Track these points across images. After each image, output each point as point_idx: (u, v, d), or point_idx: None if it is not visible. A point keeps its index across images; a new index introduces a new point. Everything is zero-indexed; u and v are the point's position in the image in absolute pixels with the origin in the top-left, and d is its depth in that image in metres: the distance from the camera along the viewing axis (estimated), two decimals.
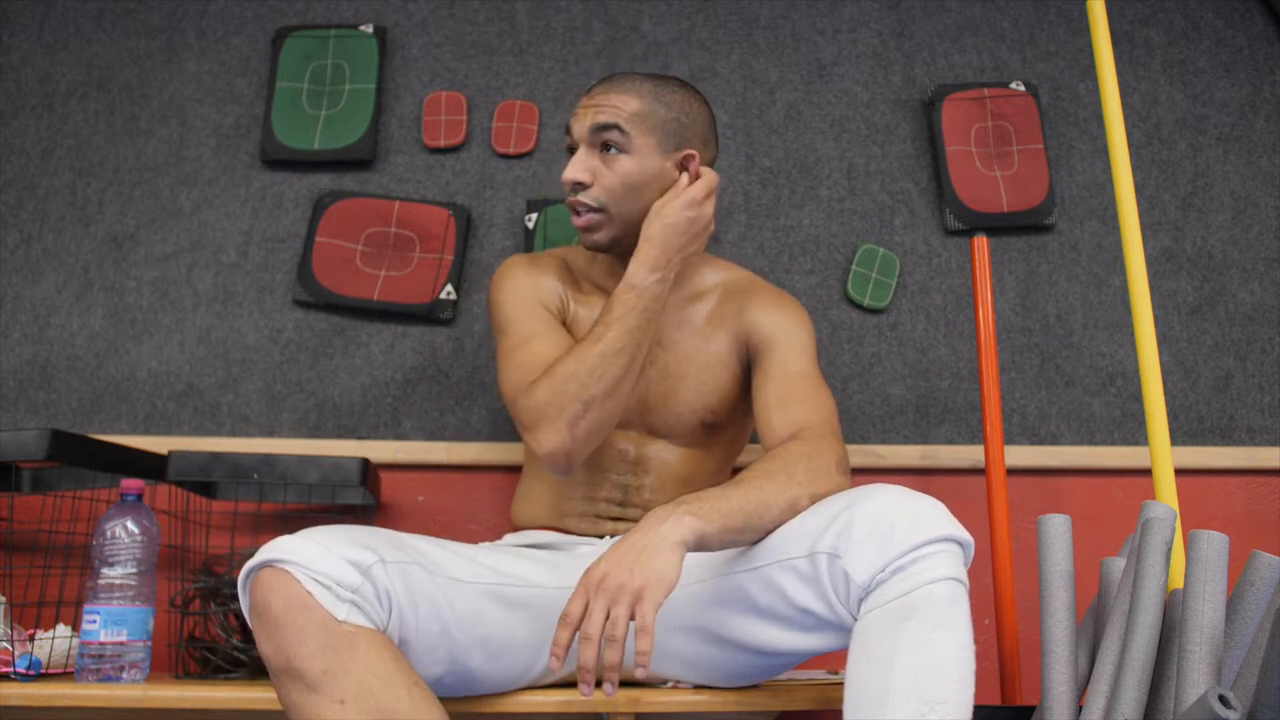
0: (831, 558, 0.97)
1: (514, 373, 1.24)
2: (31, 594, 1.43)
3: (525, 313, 1.30)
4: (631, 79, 1.29)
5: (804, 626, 1.03)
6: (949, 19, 1.86)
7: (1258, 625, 1.03)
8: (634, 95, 1.27)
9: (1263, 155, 1.82)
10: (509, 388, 1.24)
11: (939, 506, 0.98)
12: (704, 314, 1.35)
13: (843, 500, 1.01)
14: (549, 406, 1.16)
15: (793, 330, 1.32)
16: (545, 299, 1.32)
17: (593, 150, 1.26)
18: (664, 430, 1.31)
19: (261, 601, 0.95)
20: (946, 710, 0.89)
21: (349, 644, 0.93)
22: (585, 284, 1.37)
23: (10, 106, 1.77)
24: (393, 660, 0.95)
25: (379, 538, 1.03)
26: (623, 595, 0.93)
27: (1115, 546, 1.54)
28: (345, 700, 0.91)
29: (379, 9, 1.83)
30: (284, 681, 0.94)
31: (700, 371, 1.31)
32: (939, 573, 0.93)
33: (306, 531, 0.99)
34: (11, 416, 1.65)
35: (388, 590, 0.98)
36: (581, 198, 1.27)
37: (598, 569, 0.96)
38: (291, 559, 0.95)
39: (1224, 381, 1.73)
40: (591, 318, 1.32)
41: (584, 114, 1.28)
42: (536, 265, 1.36)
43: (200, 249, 1.72)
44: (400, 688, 0.93)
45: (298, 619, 0.93)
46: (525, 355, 1.25)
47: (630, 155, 1.26)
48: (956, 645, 0.92)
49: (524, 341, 1.26)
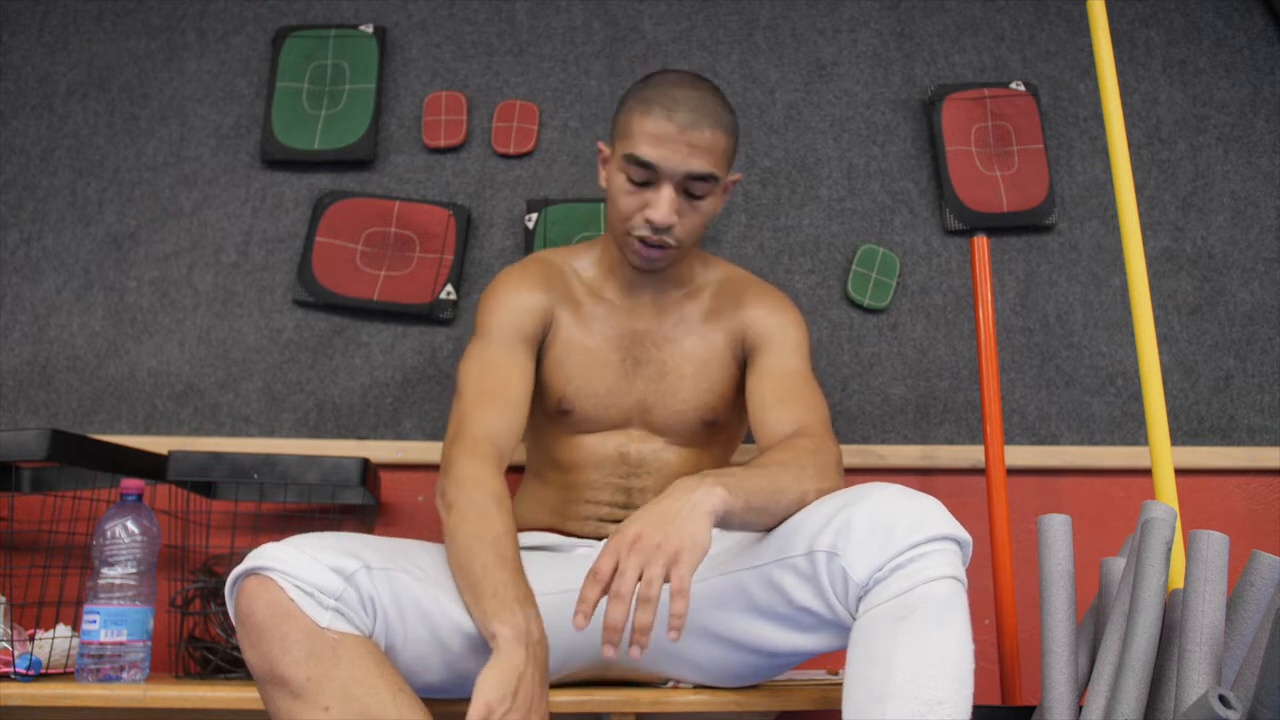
0: (830, 556, 0.97)
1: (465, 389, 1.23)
2: (31, 594, 1.43)
3: (496, 335, 1.28)
4: (714, 106, 1.24)
5: (803, 626, 1.03)
6: (949, 19, 1.86)
7: (1258, 625, 1.03)
8: (723, 131, 1.24)
9: (1263, 155, 1.82)
10: (454, 412, 1.22)
11: (938, 506, 0.98)
12: (700, 311, 1.35)
13: (841, 499, 1.01)
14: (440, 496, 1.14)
15: (789, 329, 1.32)
16: (522, 322, 1.29)
17: (678, 189, 1.23)
18: (664, 429, 1.31)
19: (245, 609, 0.95)
20: (945, 710, 0.89)
21: (333, 651, 0.93)
22: (586, 286, 1.36)
23: (10, 106, 1.77)
24: (376, 666, 0.95)
25: (365, 545, 1.02)
26: (658, 556, 0.92)
27: (1115, 546, 1.54)
28: (329, 707, 0.92)
29: (379, 9, 1.83)
30: (269, 689, 0.94)
31: (699, 369, 1.31)
32: (938, 571, 0.93)
33: (292, 539, 0.99)
34: (11, 416, 1.65)
35: (372, 597, 0.98)
36: (666, 238, 1.24)
37: (630, 529, 0.95)
38: (275, 566, 0.95)
39: (1224, 381, 1.73)
40: (595, 317, 1.33)
41: (675, 151, 1.21)
42: (525, 281, 1.34)
43: (200, 249, 1.72)
44: (384, 694, 0.93)
45: (281, 627, 0.93)
46: (475, 370, 1.24)
47: (714, 195, 1.26)
48: (955, 645, 0.92)
49: (484, 366, 1.25)
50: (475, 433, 1.17)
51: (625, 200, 1.25)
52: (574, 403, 1.30)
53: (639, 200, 1.24)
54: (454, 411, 1.21)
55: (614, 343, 1.32)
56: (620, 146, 1.25)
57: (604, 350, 1.32)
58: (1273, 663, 0.89)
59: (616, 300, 1.35)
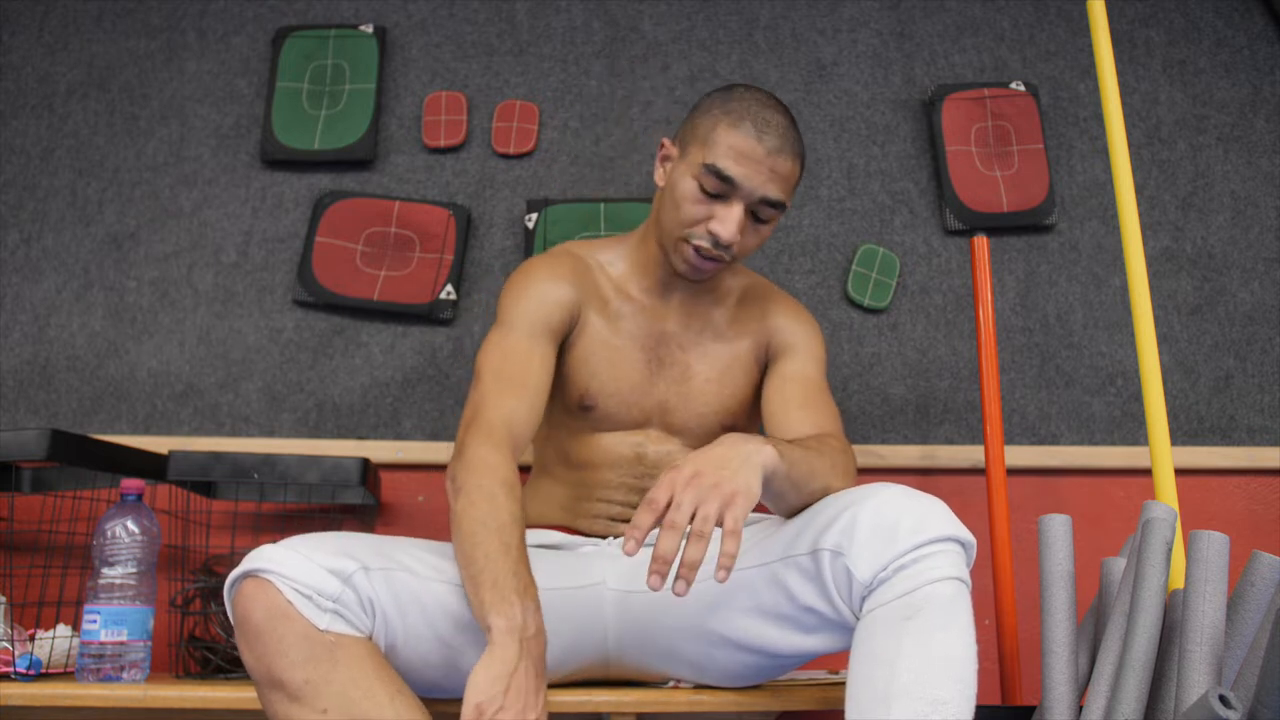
0: (835, 555, 0.97)
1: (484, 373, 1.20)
2: (31, 594, 1.43)
3: (520, 323, 1.25)
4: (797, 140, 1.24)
5: (807, 626, 1.03)
6: (949, 19, 1.86)
7: (1258, 625, 1.03)
8: (800, 164, 1.24)
9: (1263, 155, 1.82)
10: (470, 397, 1.19)
11: (942, 506, 0.98)
12: (725, 317, 1.35)
13: (846, 498, 1.01)
14: (451, 480, 1.12)
15: (812, 340, 1.34)
16: (549, 314, 1.27)
17: (748, 210, 1.23)
18: (683, 431, 1.31)
19: (243, 612, 0.95)
20: (948, 710, 0.89)
21: (330, 654, 0.93)
22: (614, 283, 1.34)
23: (10, 106, 1.77)
24: (374, 669, 0.95)
25: (364, 545, 1.02)
26: (714, 495, 0.92)
27: (1115, 546, 1.54)
28: (328, 710, 0.92)
29: (379, 9, 1.83)
30: (267, 692, 0.95)
31: (721, 374, 1.32)
32: (942, 572, 0.94)
33: (289, 540, 0.99)
34: (11, 416, 1.65)
35: (371, 598, 0.97)
36: (724, 253, 1.24)
37: (687, 466, 0.95)
38: (273, 569, 0.94)
39: (1224, 381, 1.73)
40: (622, 316, 1.31)
41: (758, 174, 1.20)
42: (554, 273, 1.31)
43: (200, 249, 1.72)
44: (382, 696, 0.94)
45: (279, 629, 0.93)
46: (497, 357, 1.21)
47: (774, 221, 1.26)
48: (959, 645, 0.92)
49: (506, 353, 1.22)
50: (492, 418, 1.14)
51: (692, 208, 1.23)
52: (597, 399, 1.28)
53: (706, 210, 1.22)
54: (470, 397, 1.19)
55: (640, 342, 1.31)
56: (698, 153, 1.22)
57: (629, 349, 1.30)
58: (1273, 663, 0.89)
59: (644, 300, 1.33)
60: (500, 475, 1.09)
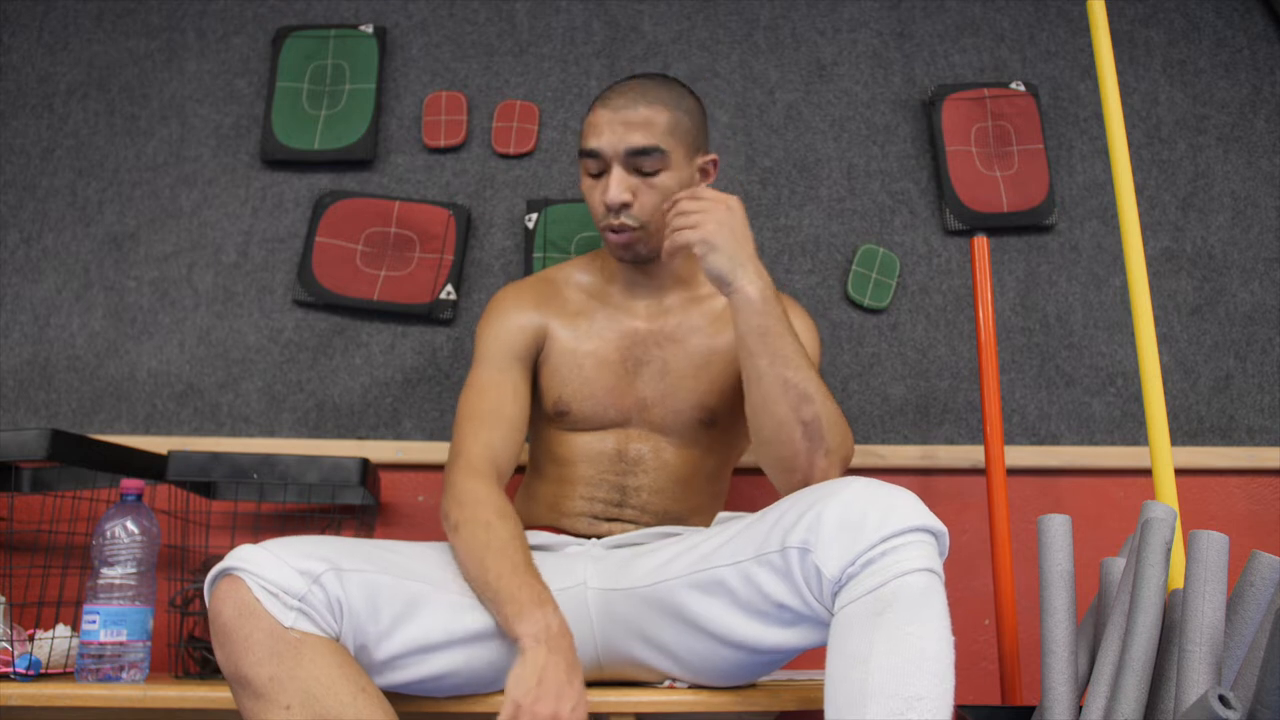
0: (803, 552, 0.97)
1: (462, 414, 1.28)
2: (31, 594, 1.43)
3: (489, 358, 1.32)
4: (652, 88, 1.29)
5: (783, 621, 1.03)
6: (949, 19, 1.86)
7: (1258, 625, 1.03)
8: (661, 107, 1.27)
9: (1263, 155, 1.82)
10: (453, 437, 1.27)
11: (910, 497, 0.98)
12: (706, 313, 1.35)
13: (815, 494, 1.01)
14: (445, 517, 1.19)
15: (806, 336, 1.34)
16: (513, 341, 1.33)
17: (628, 169, 1.26)
18: (663, 428, 1.31)
19: (215, 610, 0.97)
20: (925, 706, 0.88)
21: (295, 651, 0.95)
22: (586, 293, 1.38)
23: (10, 106, 1.77)
24: (339, 667, 0.96)
25: (343, 548, 1.04)
26: None
27: (1115, 546, 1.54)
28: (290, 706, 0.93)
29: (379, 9, 1.83)
30: (235, 689, 0.97)
31: (698, 369, 1.32)
32: (912, 564, 0.93)
33: (268, 541, 1.01)
34: (11, 416, 1.65)
35: (340, 599, 0.99)
36: (625, 219, 1.27)
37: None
38: (244, 567, 0.97)
39: (1224, 381, 1.73)
40: (594, 321, 1.35)
41: (612, 132, 1.26)
42: (515, 302, 1.37)
43: (200, 249, 1.72)
44: (345, 694, 0.95)
45: (245, 626, 0.95)
46: (473, 396, 1.29)
47: (668, 170, 1.27)
48: (933, 639, 0.91)
49: (480, 390, 1.29)
50: (472, 452, 1.23)
51: (589, 197, 1.31)
52: (570, 405, 1.32)
53: (600, 193, 1.28)
54: (453, 436, 1.26)
55: (614, 344, 1.34)
56: None
57: (604, 351, 1.33)
58: (1273, 663, 0.89)
59: (619, 302, 1.37)
60: (491, 504, 1.17)
